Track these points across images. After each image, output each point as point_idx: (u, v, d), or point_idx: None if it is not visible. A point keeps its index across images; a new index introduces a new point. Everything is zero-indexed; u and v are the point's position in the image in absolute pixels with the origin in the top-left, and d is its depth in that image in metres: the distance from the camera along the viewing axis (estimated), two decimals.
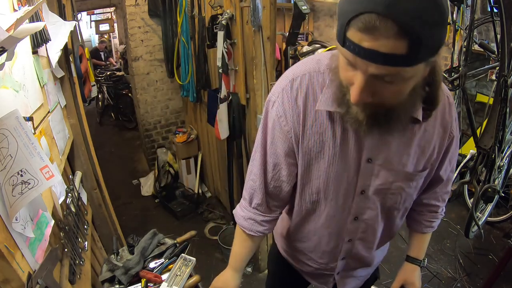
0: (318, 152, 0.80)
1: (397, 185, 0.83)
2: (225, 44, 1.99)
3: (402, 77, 0.57)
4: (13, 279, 0.80)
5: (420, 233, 1.06)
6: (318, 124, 0.78)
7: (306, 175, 0.85)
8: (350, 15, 0.53)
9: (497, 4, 1.55)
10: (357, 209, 0.87)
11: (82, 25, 7.12)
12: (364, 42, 0.53)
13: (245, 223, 0.96)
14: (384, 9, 0.49)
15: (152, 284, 1.24)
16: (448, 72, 2.85)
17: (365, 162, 0.80)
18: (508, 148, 2.01)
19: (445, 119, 0.80)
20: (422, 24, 0.50)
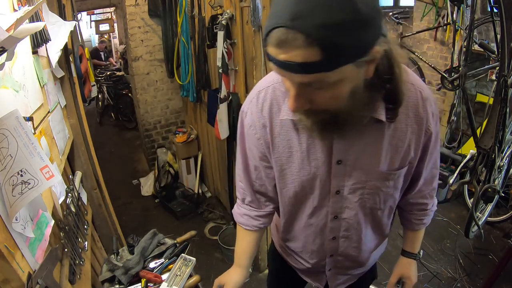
0: (288, 158, 0.85)
1: (372, 184, 0.84)
2: (225, 44, 1.99)
3: (328, 82, 0.58)
4: (13, 279, 0.80)
5: (412, 230, 1.08)
6: (284, 131, 0.82)
7: (282, 180, 0.90)
8: (266, 30, 0.56)
9: (497, 4, 1.55)
10: (335, 208, 0.90)
11: (82, 25, 7.12)
12: (280, 55, 0.55)
13: (242, 219, 1.02)
14: (290, 22, 0.51)
15: (152, 284, 1.24)
16: (448, 72, 2.85)
17: (336, 164, 0.82)
18: (508, 148, 2.01)
19: (418, 115, 0.78)
20: (331, 30, 0.51)
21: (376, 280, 1.33)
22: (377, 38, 0.58)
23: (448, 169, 3.14)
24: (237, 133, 0.93)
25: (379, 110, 0.72)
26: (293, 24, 0.51)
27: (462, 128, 3.31)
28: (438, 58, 3.33)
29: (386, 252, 2.47)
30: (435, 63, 3.19)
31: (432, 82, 3.48)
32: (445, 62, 3.24)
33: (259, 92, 0.84)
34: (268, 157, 0.88)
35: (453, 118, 3.28)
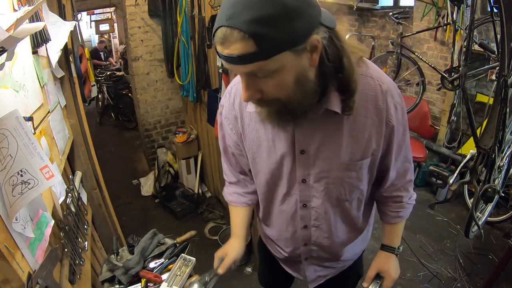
0: (258, 147, 0.93)
1: (335, 174, 0.88)
2: None
3: (269, 71, 0.64)
4: (13, 279, 0.80)
5: (389, 223, 1.07)
6: (253, 123, 0.90)
7: (254, 167, 0.99)
8: (213, 31, 0.64)
9: (497, 4, 1.55)
10: (302, 196, 0.95)
11: (82, 25, 7.11)
12: (224, 51, 0.63)
13: (232, 198, 1.13)
14: (226, 22, 0.60)
15: (152, 284, 1.24)
16: (448, 72, 2.85)
17: (299, 154, 0.87)
18: (508, 148, 2.01)
19: (378, 107, 0.81)
20: (261, 24, 0.58)
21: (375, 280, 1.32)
22: (314, 28, 0.64)
23: (448, 169, 3.14)
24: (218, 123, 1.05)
25: (333, 102, 0.76)
26: (229, 22, 0.59)
27: (462, 128, 3.31)
28: (438, 58, 3.33)
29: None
30: (435, 63, 3.19)
31: (432, 82, 3.48)
32: (445, 62, 3.23)
33: (231, 87, 0.94)
34: (241, 146, 0.98)
35: (453, 118, 3.28)
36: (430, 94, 3.55)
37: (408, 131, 0.91)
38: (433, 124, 3.43)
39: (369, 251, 2.61)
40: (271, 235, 1.16)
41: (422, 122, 3.46)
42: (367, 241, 1.20)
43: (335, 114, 0.77)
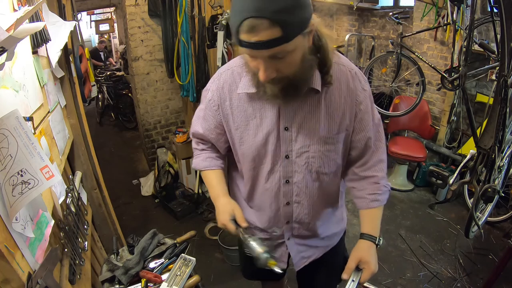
0: (245, 126, 1.01)
1: (315, 148, 1.00)
2: (225, 44, 1.99)
3: (287, 51, 0.77)
4: (13, 279, 0.80)
5: (367, 208, 1.08)
6: (241, 104, 1.00)
7: (241, 145, 1.05)
8: (237, 24, 0.74)
9: (497, 4, 1.55)
10: (285, 172, 1.04)
11: (82, 25, 7.12)
12: (252, 38, 0.73)
13: (206, 163, 1.15)
14: (256, 12, 0.70)
15: (152, 284, 1.24)
16: (448, 72, 2.85)
17: (283, 131, 0.98)
18: (508, 148, 2.01)
19: (350, 89, 0.97)
20: (284, 13, 0.71)
21: (376, 280, 1.33)
22: (311, 15, 0.79)
23: (448, 169, 3.14)
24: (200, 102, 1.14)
25: (316, 81, 0.91)
26: (257, 14, 0.70)
27: (462, 128, 3.31)
28: (438, 58, 3.33)
29: (386, 252, 2.49)
30: (435, 63, 3.19)
31: (432, 82, 3.48)
32: (445, 62, 3.24)
33: (220, 74, 1.04)
34: (224, 125, 1.06)
35: (453, 118, 3.28)
36: (430, 94, 3.55)
37: (376, 111, 1.05)
38: (433, 124, 3.43)
39: None
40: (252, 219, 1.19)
41: (422, 122, 3.46)
42: (344, 223, 1.29)
43: (315, 94, 0.93)
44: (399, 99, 3.52)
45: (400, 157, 3.31)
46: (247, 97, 0.99)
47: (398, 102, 3.51)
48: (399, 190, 3.39)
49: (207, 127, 1.11)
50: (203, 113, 1.11)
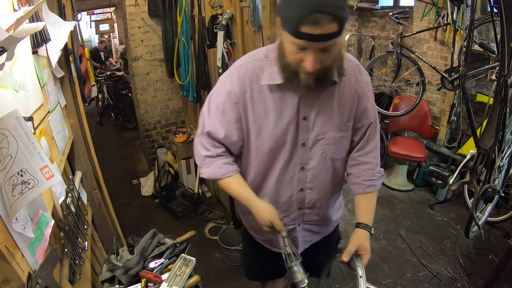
0: (265, 118, 1.04)
1: (330, 135, 1.08)
2: (225, 44, 1.99)
3: (336, 44, 0.87)
4: (13, 279, 0.80)
5: (364, 193, 1.16)
6: (262, 96, 1.03)
7: (259, 137, 1.07)
8: (300, 17, 0.80)
9: (497, 4, 1.55)
10: (301, 159, 1.10)
11: (82, 25, 7.11)
12: (315, 31, 0.81)
13: (223, 170, 1.11)
14: (321, 7, 0.78)
15: (152, 284, 1.24)
16: (448, 72, 2.85)
17: (302, 120, 1.05)
18: (508, 148, 2.01)
19: (357, 81, 1.07)
20: (341, 10, 0.80)
21: (376, 280, 1.35)
22: None
23: (448, 169, 3.14)
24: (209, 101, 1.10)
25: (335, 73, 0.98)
26: (323, 9, 0.78)
27: (462, 128, 3.31)
28: (438, 58, 3.33)
29: (386, 252, 2.48)
30: (435, 63, 3.19)
31: (432, 82, 3.48)
32: (445, 62, 3.23)
33: (239, 66, 1.05)
34: (243, 119, 1.06)
35: (453, 118, 3.28)
36: (430, 94, 3.55)
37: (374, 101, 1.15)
38: (433, 124, 3.43)
39: None
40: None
41: (422, 122, 3.47)
42: (341, 210, 1.39)
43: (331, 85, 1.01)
44: (399, 99, 3.52)
45: (400, 157, 3.31)
46: (268, 89, 1.02)
47: (398, 102, 3.51)
48: (399, 190, 3.39)
49: (227, 121, 1.06)
50: (222, 107, 1.06)
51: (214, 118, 1.08)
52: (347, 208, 2.93)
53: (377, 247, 2.56)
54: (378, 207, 3.33)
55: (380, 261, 2.42)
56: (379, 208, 3.05)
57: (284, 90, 1.01)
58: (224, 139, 1.09)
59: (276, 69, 0.99)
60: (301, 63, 0.89)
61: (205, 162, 1.12)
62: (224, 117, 1.06)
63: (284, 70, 0.96)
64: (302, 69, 0.91)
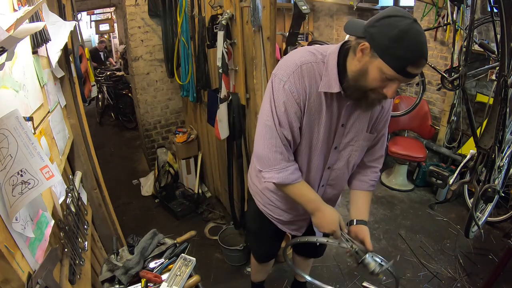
0: (318, 117, 1.14)
1: (359, 143, 1.23)
2: (225, 44, 1.99)
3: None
4: (13, 279, 0.80)
5: (366, 190, 1.34)
6: (317, 98, 1.11)
7: (310, 131, 1.16)
8: (412, 59, 0.92)
9: (497, 4, 1.55)
10: (331, 160, 1.26)
11: (82, 25, 7.11)
12: (415, 71, 0.94)
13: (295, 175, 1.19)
14: (425, 54, 0.93)
15: (152, 284, 1.24)
16: (448, 72, 2.85)
17: (340, 126, 1.18)
18: (508, 148, 2.01)
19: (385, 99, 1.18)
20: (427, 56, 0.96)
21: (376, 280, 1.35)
22: None
23: (448, 169, 3.14)
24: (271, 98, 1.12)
25: None
26: (426, 55, 0.94)
27: (462, 128, 3.31)
28: (438, 58, 3.33)
29: (386, 252, 2.49)
30: (435, 63, 3.19)
31: (432, 82, 3.48)
32: (445, 62, 3.24)
33: (300, 66, 1.08)
34: (301, 115, 1.13)
35: (453, 118, 3.28)
36: (430, 94, 3.55)
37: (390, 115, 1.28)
38: (433, 124, 3.43)
39: None
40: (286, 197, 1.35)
41: (422, 122, 3.47)
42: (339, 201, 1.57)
43: None
44: (399, 99, 3.52)
45: (400, 157, 3.31)
46: (323, 94, 1.11)
47: (398, 102, 3.51)
48: (399, 190, 3.39)
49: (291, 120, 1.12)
50: (284, 107, 1.10)
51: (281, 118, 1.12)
52: (347, 209, 2.93)
53: (377, 247, 2.56)
54: (378, 207, 3.37)
55: None
56: (379, 208, 3.06)
57: (334, 98, 1.11)
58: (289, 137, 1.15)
59: (334, 78, 1.06)
60: (380, 89, 1.00)
61: (279, 167, 1.17)
62: (289, 117, 1.12)
63: (356, 90, 1.04)
64: (377, 93, 1.02)
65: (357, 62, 1.01)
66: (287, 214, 1.44)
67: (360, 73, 1.00)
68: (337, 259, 2.48)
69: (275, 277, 2.34)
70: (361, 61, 0.99)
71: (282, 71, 1.10)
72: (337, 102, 1.12)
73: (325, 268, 2.40)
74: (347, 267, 2.39)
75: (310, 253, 1.81)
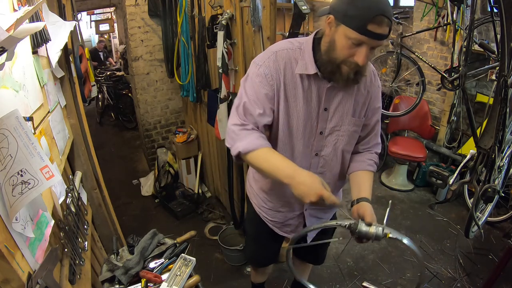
0: (294, 101, 1.15)
1: (345, 128, 1.20)
2: (225, 44, 1.99)
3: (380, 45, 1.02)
4: (13, 279, 0.80)
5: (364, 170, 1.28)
6: (293, 82, 1.14)
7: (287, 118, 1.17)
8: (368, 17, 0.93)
9: (497, 4, 1.55)
10: (317, 146, 1.23)
11: (82, 25, 7.11)
12: (377, 30, 0.95)
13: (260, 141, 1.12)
14: (385, 12, 0.94)
15: (152, 284, 1.24)
16: (448, 72, 2.85)
17: (323, 110, 1.17)
18: (508, 148, 2.01)
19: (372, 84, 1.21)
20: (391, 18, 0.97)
21: (376, 280, 1.35)
22: None
23: (448, 169, 3.14)
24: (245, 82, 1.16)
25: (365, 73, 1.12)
26: (386, 14, 0.93)
27: (462, 128, 3.31)
28: (438, 58, 3.33)
29: (386, 252, 2.49)
30: (435, 63, 3.19)
31: (432, 82, 3.48)
32: (445, 62, 3.24)
33: (276, 52, 1.14)
34: (275, 99, 1.14)
35: (453, 118, 3.28)
36: (430, 94, 3.55)
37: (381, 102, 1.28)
38: (433, 124, 3.43)
39: (369, 251, 2.61)
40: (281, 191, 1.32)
41: (422, 122, 3.47)
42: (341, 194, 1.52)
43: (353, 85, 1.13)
44: (399, 99, 3.52)
45: (400, 157, 3.31)
46: (299, 77, 1.12)
47: (398, 102, 3.51)
48: (399, 190, 3.39)
49: (262, 100, 1.13)
50: (257, 87, 1.12)
51: (251, 96, 1.14)
52: (347, 209, 2.93)
53: (377, 247, 2.56)
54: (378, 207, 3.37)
55: (380, 261, 2.42)
56: (379, 208, 3.05)
57: (312, 82, 1.12)
58: (259, 116, 1.13)
59: (310, 61, 1.10)
60: (350, 57, 1.00)
61: (240, 134, 1.12)
62: (260, 96, 1.13)
63: (328, 63, 1.06)
64: (349, 63, 1.01)
65: (326, 37, 1.05)
66: (280, 214, 1.41)
67: (330, 46, 1.03)
68: (337, 259, 2.49)
69: (275, 277, 2.34)
70: (329, 34, 1.03)
71: (259, 58, 1.16)
72: (316, 86, 1.13)
73: (325, 268, 2.40)
74: (347, 267, 2.40)
75: (310, 259, 1.77)
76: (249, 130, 1.12)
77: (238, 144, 1.12)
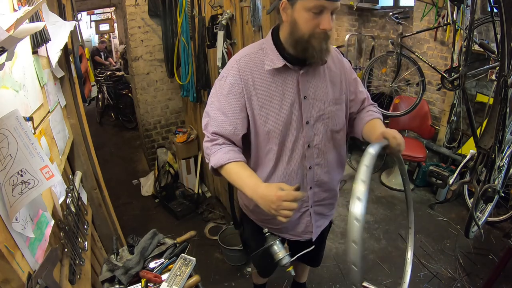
0: (270, 102, 1.13)
1: (329, 110, 1.20)
2: (225, 44, 1.99)
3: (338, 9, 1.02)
4: (13, 279, 0.80)
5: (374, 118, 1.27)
6: (264, 82, 1.13)
7: (267, 123, 1.15)
8: None
9: (497, 4, 1.55)
10: (307, 137, 1.19)
11: (82, 25, 7.11)
12: None
13: (229, 155, 1.11)
14: None
15: (152, 284, 1.24)
16: (448, 72, 2.85)
17: (303, 99, 1.15)
18: (508, 148, 2.00)
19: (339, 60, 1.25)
20: None
21: (376, 280, 1.35)
22: None
23: (448, 169, 3.14)
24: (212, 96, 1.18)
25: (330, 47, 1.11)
26: None
27: (462, 128, 3.31)
28: (438, 58, 3.33)
29: (386, 252, 2.49)
30: (435, 63, 3.19)
31: (432, 82, 3.48)
32: (445, 62, 3.23)
33: (238, 60, 1.15)
34: (248, 107, 1.14)
35: (453, 118, 3.28)
36: (430, 94, 3.55)
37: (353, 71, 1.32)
38: (433, 124, 3.43)
39: (369, 251, 2.60)
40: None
41: (422, 122, 3.46)
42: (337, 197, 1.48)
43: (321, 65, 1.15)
44: (399, 99, 3.52)
45: None
46: (269, 74, 1.12)
47: (398, 102, 3.51)
48: (399, 190, 3.39)
49: (232, 111, 1.13)
50: (225, 99, 1.13)
51: (217, 111, 1.14)
52: (347, 209, 2.93)
53: (377, 247, 2.56)
54: (378, 207, 3.35)
55: (380, 261, 2.42)
56: (379, 208, 3.06)
57: (284, 74, 1.12)
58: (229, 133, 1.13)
59: (275, 56, 1.11)
60: (316, 28, 1.01)
61: (212, 149, 1.14)
62: (229, 107, 1.13)
63: (297, 43, 1.05)
64: (317, 35, 1.02)
65: (286, 23, 1.06)
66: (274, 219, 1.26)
67: (292, 27, 1.04)
68: (337, 259, 2.49)
69: (275, 277, 2.34)
70: (288, 18, 1.04)
71: (224, 70, 1.17)
72: (289, 77, 1.13)
73: (325, 268, 2.40)
74: (347, 267, 2.39)
75: (307, 261, 1.76)
76: (220, 145, 1.14)
77: (211, 158, 1.14)
